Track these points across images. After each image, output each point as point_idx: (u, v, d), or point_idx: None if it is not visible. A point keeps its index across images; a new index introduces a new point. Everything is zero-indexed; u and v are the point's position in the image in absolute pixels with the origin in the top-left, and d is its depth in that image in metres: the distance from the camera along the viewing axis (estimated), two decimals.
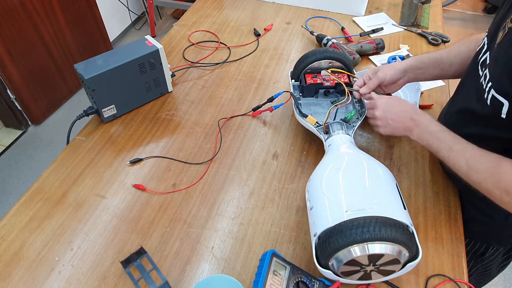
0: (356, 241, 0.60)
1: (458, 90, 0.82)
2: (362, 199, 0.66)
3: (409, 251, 0.63)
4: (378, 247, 0.61)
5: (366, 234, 0.60)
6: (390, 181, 0.71)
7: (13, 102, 2.22)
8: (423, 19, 1.43)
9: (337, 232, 0.62)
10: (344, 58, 0.98)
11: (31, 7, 2.14)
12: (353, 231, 0.60)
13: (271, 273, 0.63)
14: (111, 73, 0.96)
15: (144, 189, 0.89)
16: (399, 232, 0.60)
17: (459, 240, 0.79)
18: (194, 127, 1.04)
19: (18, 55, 2.12)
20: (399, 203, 0.67)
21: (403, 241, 0.61)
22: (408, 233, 0.62)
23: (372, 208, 0.63)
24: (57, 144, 2.29)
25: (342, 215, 0.64)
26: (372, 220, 0.61)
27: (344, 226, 0.62)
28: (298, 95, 0.99)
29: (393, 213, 0.63)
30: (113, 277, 0.74)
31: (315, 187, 0.73)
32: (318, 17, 1.47)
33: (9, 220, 0.83)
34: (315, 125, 0.90)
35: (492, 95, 0.64)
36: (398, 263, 0.63)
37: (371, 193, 0.67)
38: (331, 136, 0.85)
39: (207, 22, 1.44)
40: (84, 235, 0.80)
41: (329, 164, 0.76)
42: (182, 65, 1.24)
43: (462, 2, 3.60)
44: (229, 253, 0.78)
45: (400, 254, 0.62)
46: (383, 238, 0.60)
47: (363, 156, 0.76)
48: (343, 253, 0.63)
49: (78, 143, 0.99)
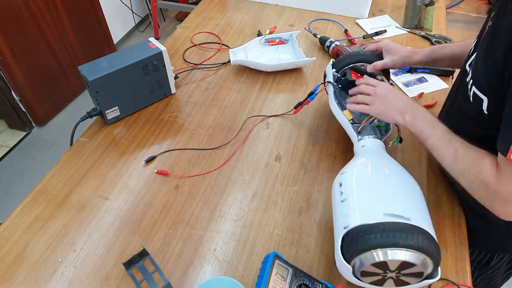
0: (399, 244, 0.59)
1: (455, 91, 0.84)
2: (401, 206, 0.65)
3: (435, 268, 0.63)
4: (415, 256, 0.60)
5: (410, 240, 0.59)
6: (423, 196, 0.71)
7: (17, 104, 2.23)
8: (427, 21, 1.43)
9: (378, 230, 0.61)
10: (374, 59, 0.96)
11: (35, 8, 2.15)
12: (397, 234, 0.59)
13: (273, 275, 0.63)
14: (114, 75, 0.97)
15: (167, 174, 0.92)
16: (436, 247, 0.61)
17: (463, 244, 0.78)
18: (197, 129, 1.04)
19: (22, 56, 2.13)
20: (430, 219, 0.67)
21: (436, 257, 0.61)
22: (438, 249, 0.62)
23: (409, 218, 0.63)
24: (61, 145, 2.30)
25: (380, 216, 0.63)
26: (416, 229, 0.61)
27: (387, 226, 0.61)
28: (339, 86, 0.94)
29: (429, 228, 0.63)
30: (116, 279, 0.74)
31: (353, 181, 0.72)
32: (321, 19, 1.48)
33: (13, 221, 0.83)
34: (350, 120, 0.88)
35: (473, 91, 0.67)
36: (420, 276, 0.63)
37: (410, 204, 0.67)
38: (364, 138, 0.84)
39: (210, 24, 1.45)
40: (87, 237, 0.81)
41: (367, 163, 0.75)
42: (185, 67, 1.24)
43: (466, 4, 3.59)
44: (232, 255, 0.78)
45: (426, 268, 0.62)
46: (421, 248, 0.59)
47: (400, 166, 0.76)
48: (378, 253, 0.61)
49: (81, 145, 1.00)
